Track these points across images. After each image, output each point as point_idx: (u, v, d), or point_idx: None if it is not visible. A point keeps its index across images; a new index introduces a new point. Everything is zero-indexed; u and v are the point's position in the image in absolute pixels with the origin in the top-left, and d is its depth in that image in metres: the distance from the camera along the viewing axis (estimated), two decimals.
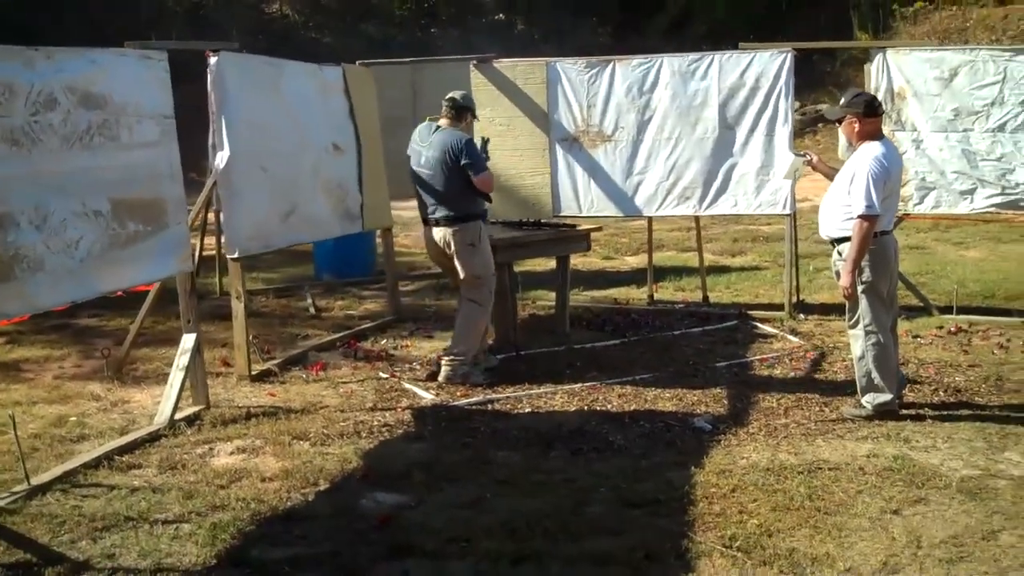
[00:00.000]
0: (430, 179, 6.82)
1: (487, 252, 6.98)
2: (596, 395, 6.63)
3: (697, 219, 9.42)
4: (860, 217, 5.70)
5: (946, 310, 8.40)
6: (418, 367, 7.38)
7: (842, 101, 6.04)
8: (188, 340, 6.38)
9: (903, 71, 8.29)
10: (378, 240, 10.05)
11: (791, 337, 7.95)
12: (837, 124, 6.18)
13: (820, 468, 5.18)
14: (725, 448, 5.55)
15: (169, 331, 7.81)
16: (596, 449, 5.61)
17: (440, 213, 6.85)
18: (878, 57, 8.37)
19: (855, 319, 5.98)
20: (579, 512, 4.75)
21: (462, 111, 6.95)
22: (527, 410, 6.39)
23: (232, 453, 5.64)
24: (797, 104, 7.00)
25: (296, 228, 7.71)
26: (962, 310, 8.43)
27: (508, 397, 6.62)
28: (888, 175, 5.76)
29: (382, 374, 7.19)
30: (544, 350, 7.77)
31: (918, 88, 8.25)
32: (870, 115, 5.89)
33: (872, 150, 5.82)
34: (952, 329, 7.94)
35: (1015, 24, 19.93)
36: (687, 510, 4.72)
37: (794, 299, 8.67)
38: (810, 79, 19.71)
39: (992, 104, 8.08)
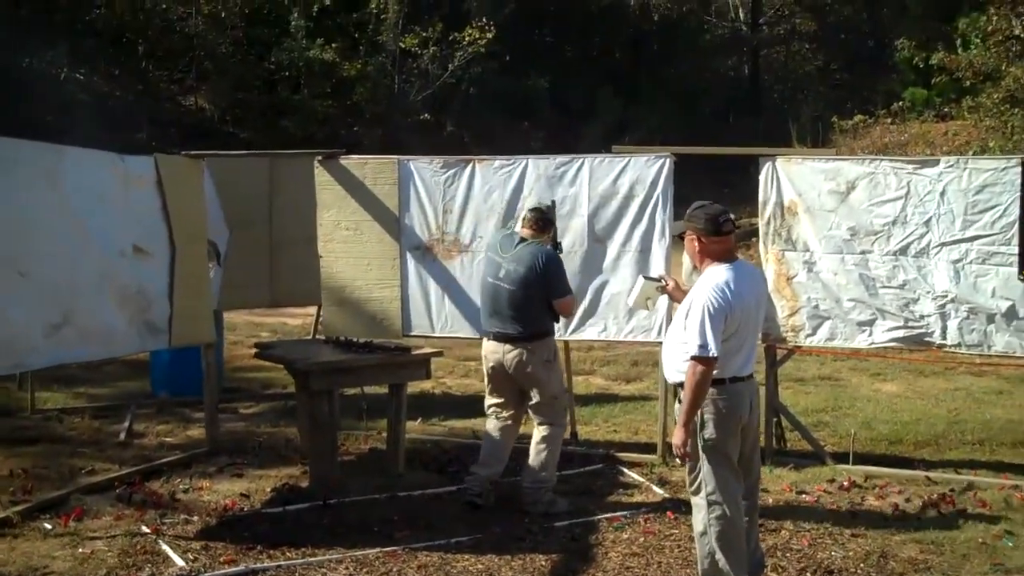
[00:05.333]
0: (510, 295, 6.26)
1: (560, 370, 6.67)
2: (392, 565, 5.35)
3: (567, 343, 8.24)
4: (693, 359, 4.56)
5: (842, 458, 7.19)
6: (196, 519, 6.08)
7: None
8: None
9: (794, 183, 7.24)
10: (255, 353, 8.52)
11: (656, 488, 6.72)
12: (680, 240, 5.07)
13: None
14: None
15: None
16: None
17: (514, 330, 6.27)
18: (767, 166, 7.32)
19: (696, 484, 4.79)
20: None
21: (548, 224, 6.44)
22: None
23: None
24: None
25: (69, 343, 6.44)
26: (860, 459, 7.21)
27: (279, 567, 5.33)
28: (731, 308, 4.62)
29: (144, 527, 5.88)
30: (361, 498, 6.50)
31: (811, 203, 7.19)
32: (714, 233, 4.78)
33: (714, 277, 4.70)
34: (845, 484, 6.72)
35: (952, 139, 19.29)
36: None
37: (669, 440, 7.44)
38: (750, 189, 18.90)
39: (894, 223, 7.02)
